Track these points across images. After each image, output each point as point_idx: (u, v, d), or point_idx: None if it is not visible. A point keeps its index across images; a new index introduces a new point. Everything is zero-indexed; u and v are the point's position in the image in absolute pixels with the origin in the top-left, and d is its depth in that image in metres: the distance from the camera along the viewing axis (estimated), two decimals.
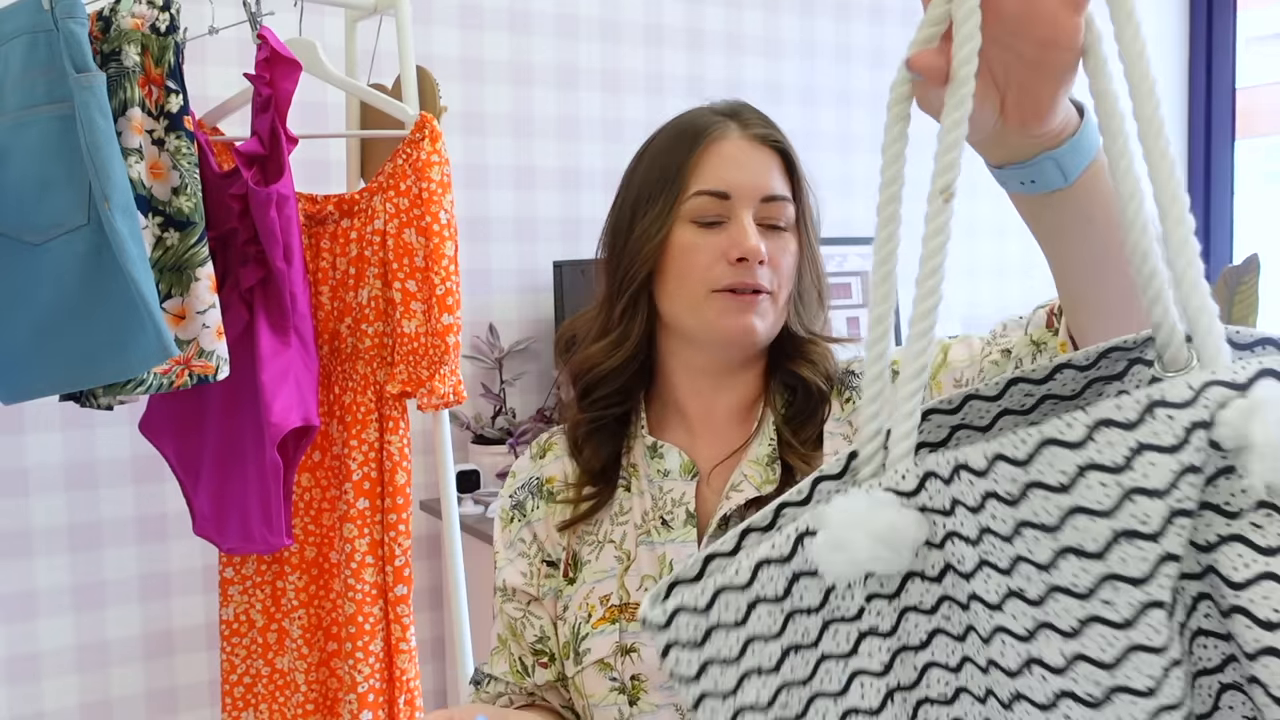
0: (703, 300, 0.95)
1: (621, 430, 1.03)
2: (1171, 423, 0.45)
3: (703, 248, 0.95)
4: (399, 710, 1.68)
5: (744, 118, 0.99)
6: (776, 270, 0.95)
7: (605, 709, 0.95)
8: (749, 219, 0.94)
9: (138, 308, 1.35)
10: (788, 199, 0.97)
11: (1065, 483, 0.46)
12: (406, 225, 1.62)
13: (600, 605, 0.96)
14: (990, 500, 0.47)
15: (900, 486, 0.48)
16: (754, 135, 0.98)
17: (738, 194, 0.95)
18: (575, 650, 0.96)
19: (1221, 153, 3.47)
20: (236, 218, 1.55)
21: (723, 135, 0.98)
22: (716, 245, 0.94)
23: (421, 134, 1.62)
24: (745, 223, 0.94)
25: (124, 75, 1.42)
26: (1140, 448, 0.45)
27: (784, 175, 0.98)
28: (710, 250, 0.94)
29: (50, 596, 1.99)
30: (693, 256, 0.95)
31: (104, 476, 2.03)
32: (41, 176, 1.38)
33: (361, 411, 1.67)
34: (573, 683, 0.98)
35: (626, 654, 0.94)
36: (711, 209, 0.95)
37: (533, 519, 1.04)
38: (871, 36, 2.90)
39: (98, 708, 2.04)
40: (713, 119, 0.99)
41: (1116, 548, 0.44)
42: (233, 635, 1.79)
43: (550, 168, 2.50)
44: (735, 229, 0.94)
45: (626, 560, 0.97)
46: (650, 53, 2.62)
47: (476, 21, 2.39)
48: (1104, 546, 0.44)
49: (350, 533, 1.66)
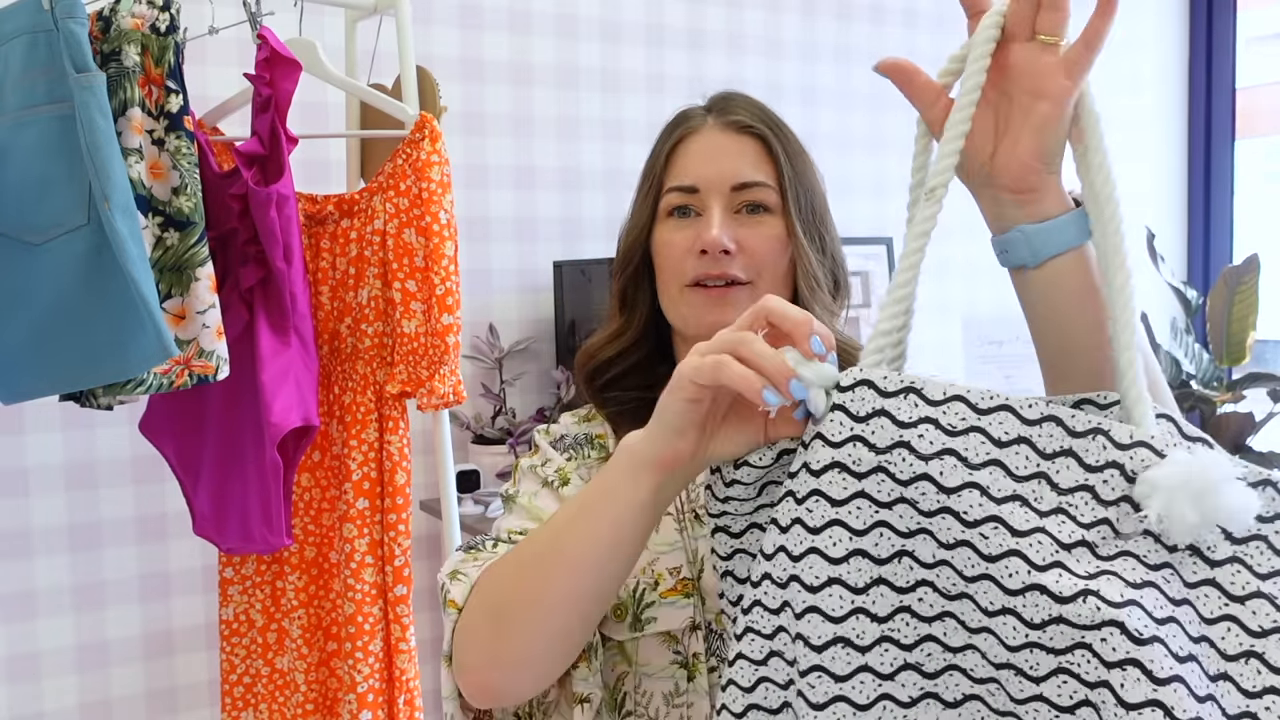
0: (678, 295, 0.95)
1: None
2: (1102, 451, 0.58)
3: (676, 242, 0.95)
4: (399, 710, 1.68)
5: (723, 107, 0.99)
6: (753, 258, 0.94)
7: (660, 680, 0.92)
8: (717, 210, 0.94)
9: (138, 308, 1.35)
10: (764, 184, 0.95)
11: (1003, 439, 0.59)
12: (406, 225, 1.62)
13: (670, 575, 0.92)
14: (928, 425, 0.59)
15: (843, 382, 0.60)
16: (728, 123, 0.97)
17: (705, 186, 0.95)
18: (636, 615, 0.92)
19: (1221, 153, 3.47)
20: (236, 218, 1.55)
21: (696, 129, 0.98)
22: (685, 239, 0.95)
23: (421, 134, 1.62)
24: (711, 214, 0.94)
25: (124, 75, 1.42)
26: (1069, 452, 0.58)
27: (764, 160, 0.96)
28: (681, 244, 0.95)
29: (50, 596, 1.99)
30: (668, 251, 0.96)
31: (104, 476, 2.03)
32: (41, 176, 1.38)
33: (361, 411, 1.67)
34: (618, 646, 0.93)
35: (694, 630, 0.91)
36: (683, 203, 0.96)
37: (588, 464, 1.00)
38: (871, 37, 2.90)
39: (98, 708, 2.04)
40: (691, 113, 1.00)
41: (1013, 502, 0.58)
42: (232, 635, 1.79)
43: (550, 168, 2.50)
44: (702, 221, 0.95)
45: (686, 535, 0.94)
46: (650, 53, 2.62)
47: (476, 21, 2.39)
48: (1008, 496, 0.58)
49: (350, 533, 1.66)
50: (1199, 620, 0.57)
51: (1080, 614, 0.54)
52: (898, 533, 0.58)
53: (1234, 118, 3.44)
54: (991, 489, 0.58)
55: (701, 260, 0.93)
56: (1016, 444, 0.59)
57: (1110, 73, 3.33)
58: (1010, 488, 0.58)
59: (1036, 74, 0.64)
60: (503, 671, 0.79)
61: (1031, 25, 0.65)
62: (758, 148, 0.97)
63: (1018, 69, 0.65)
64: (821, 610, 0.59)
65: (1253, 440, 3.05)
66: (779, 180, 0.96)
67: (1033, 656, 0.56)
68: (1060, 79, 0.64)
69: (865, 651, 0.59)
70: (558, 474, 0.99)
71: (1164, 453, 0.58)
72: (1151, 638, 0.54)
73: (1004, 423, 0.59)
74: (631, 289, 1.00)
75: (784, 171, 0.96)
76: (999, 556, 0.56)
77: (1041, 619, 0.55)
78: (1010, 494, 0.58)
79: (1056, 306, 0.69)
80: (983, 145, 0.67)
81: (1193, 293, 3.27)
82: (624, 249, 1.01)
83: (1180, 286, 3.26)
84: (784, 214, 0.96)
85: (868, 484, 0.58)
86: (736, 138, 0.97)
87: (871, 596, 0.59)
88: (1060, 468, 0.59)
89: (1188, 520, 0.56)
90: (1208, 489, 0.56)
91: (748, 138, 0.97)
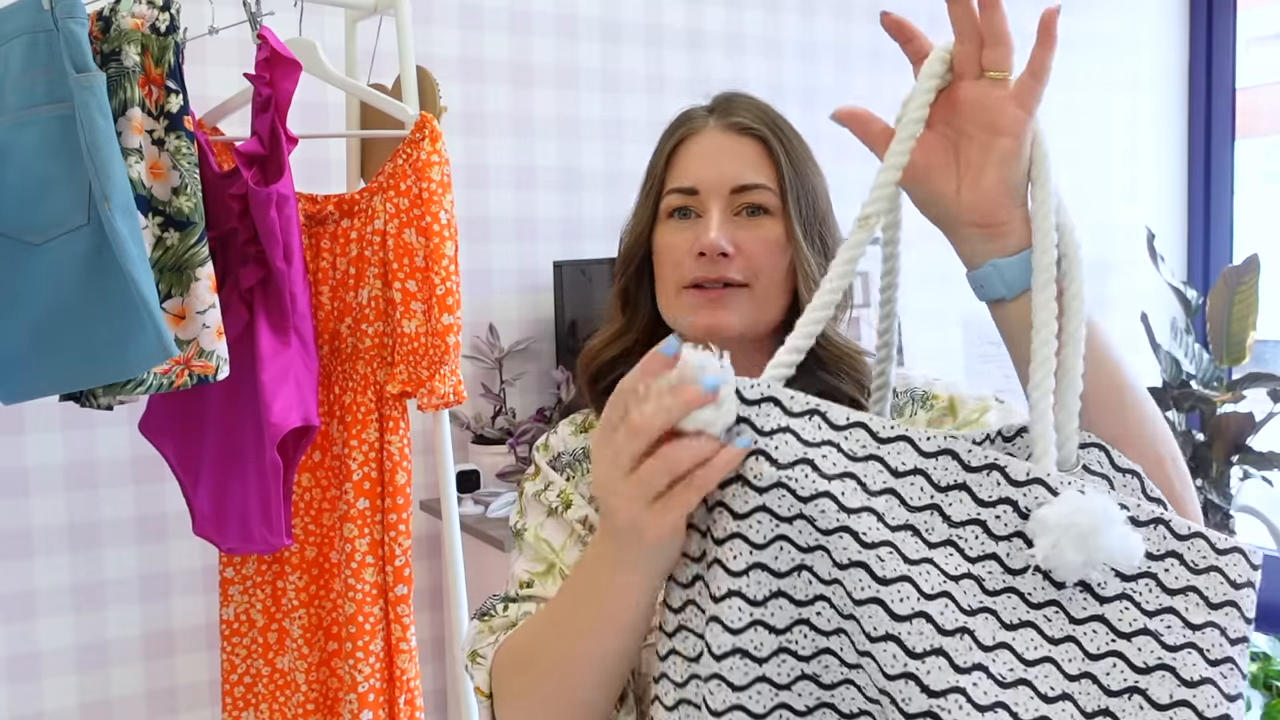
0: (675, 297, 0.95)
1: None
2: (996, 487, 0.60)
3: (675, 244, 0.95)
4: (399, 710, 1.68)
5: (725, 109, 0.99)
6: (751, 261, 0.94)
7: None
8: (716, 212, 0.94)
9: (138, 308, 1.35)
10: (764, 186, 0.95)
11: (900, 470, 0.60)
12: (406, 225, 1.62)
13: None
14: (830, 447, 0.60)
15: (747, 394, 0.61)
16: (729, 124, 0.97)
17: (705, 188, 0.95)
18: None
19: (1221, 153, 3.47)
20: (236, 218, 1.55)
21: (697, 130, 0.98)
22: (684, 241, 0.94)
23: (421, 134, 1.62)
24: (710, 216, 0.94)
25: (124, 75, 1.42)
26: (963, 486, 0.60)
27: (764, 162, 0.96)
28: (680, 246, 0.95)
29: (50, 596, 1.99)
30: (667, 254, 0.96)
31: (104, 476, 2.03)
32: (41, 176, 1.38)
33: (361, 411, 1.67)
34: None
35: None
36: (683, 204, 0.96)
37: (587, 480, 1.00)
38: (871, 37, 2.90)
39: (98, 708, 2.04)
40: (694, 114, 1.00)
41: (905, 531, 0.59)
42: (233, 635, 1.79)
43: (550, 168, 2.50)
44: (701, 223, 0.94)
45: None
46: (650, 53, 2.62)
47: (476, 21, 2.39)
48: (901, 525, 0.59)
49: (350, 533, 1.66)
50: (1083, 657, 0.58)
51: (958, 649, 0.57)
52: (798, 548, 0.59)
53: (1234, 118, 3.44)
54: (887, 516, 0.59)
55: (699, 262, 0.93)
56: (913, 474, 0.60)
57: (1110, 73, 3.33)
58: (904, 517, 0.59)
59: (989, 109, 0.66)
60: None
61: (978, 62, 0.66)
62: (758, 149, 0.97)
63: (970, 106, 0.66)
64: (722, 620, 0.59)
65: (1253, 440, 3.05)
66: (779, 183, 0.96)
67: (907, 689, 0.56)
68: (1012, 109, 0.65)
69: (763, 663, 0.60)
70: (560, 498, 0.99)
71: (1058, 490, 0.59)
72: (1016, 681, 0.56)
73: (902, 453, 0.60)
74: (633, 289, 1.00)
75: (784, 174, 0.96)
76: (892, 580, 0.57)
77: (923, 649, 0.56)
78: (903, 523, 0.59)
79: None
80: (947, 185, 0.68)
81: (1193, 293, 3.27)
82: (625, 249, 1.01)
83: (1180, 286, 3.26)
84: (784, 216, 0.95)
85: (769, 498, 0.58)
86: (737, 139, 0.97)
87: (770, 609, 0.59)
88: (953, 500, 0.60)
89: (1072, 560, 0.57)
90: (1093, 530, 0.57)
91: (748, 139, 0.97)
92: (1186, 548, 0.60)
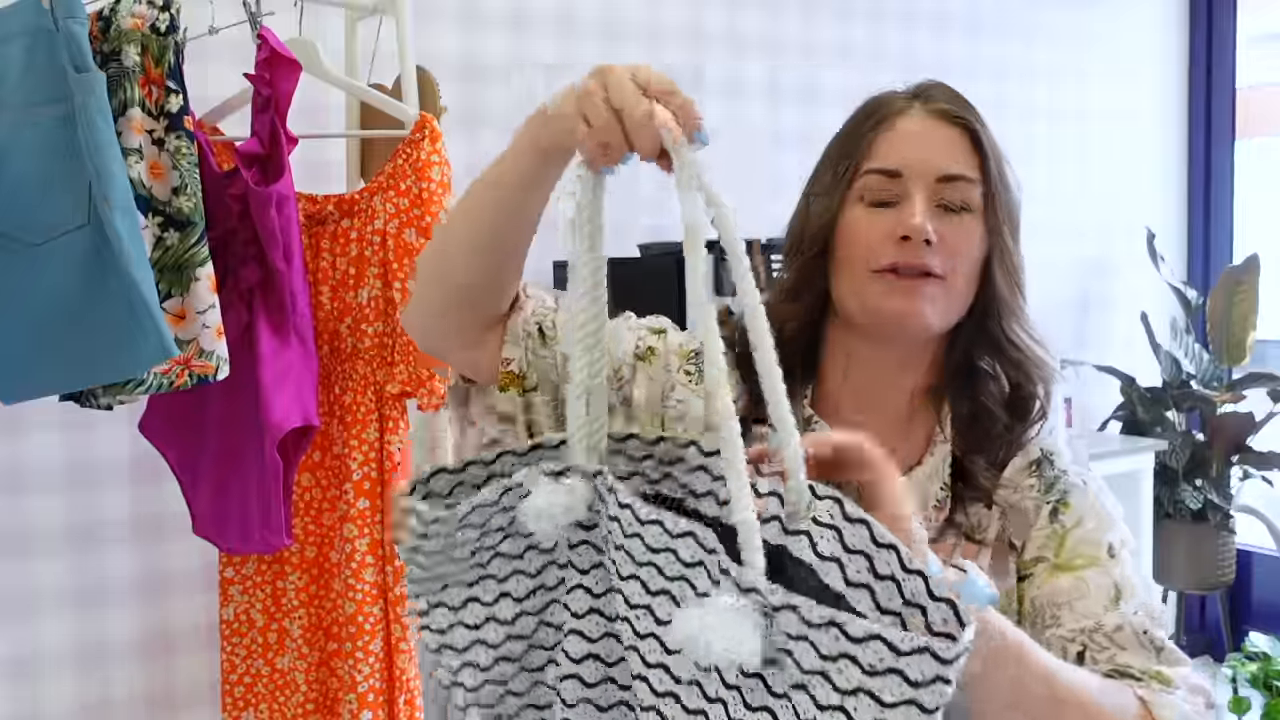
0: (865, 281, 0.90)
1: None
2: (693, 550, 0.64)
3: (870, 227, 0.91)
4: (399, 710, 1.68)
5: (929, 94, 0.95)
6: (951, 254, 0.89)
7: None
8: (920, 198, 0.89)
9: (137, 308, 1.35)
10: (969, 179, 0.91)
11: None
12: (407, 225, 1.62)
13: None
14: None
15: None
16: (936, 110, 0.93)
17: (910, 172, 0.90)
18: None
19: (1221, 153, 3.47)
20: (236, 218, 1.55)
21: (901, 112, 0.94)
22: (884, 224, 0.90)
23: (421, 134, 1.62)
24: (915, 201, 0.89)
25: (124, 75, 1.42)
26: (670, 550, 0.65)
27: (970, 154, 0.92)
28: (877, 229, 0.90)
29: (50, 596, 1.99)
30: (859, 236, 0.91)
31: (104, 476, 2.03)
32: (41, 176, 1.38)
33: (362, 411, 1.67)
34: None
35: None
36: (882, 187, 0.91)
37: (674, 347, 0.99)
38: (872, 37, 2.90)
39: (97, 708, 2.04)
40: (896, 97, 0.96)
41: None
42: (233, 635, 1.79)
43: None
44: (904, 207, 0.89)
45: None
46: (650, 53, 2.62)
47: (476, 21, 2.39)
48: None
49: (350, 533, 1.66)
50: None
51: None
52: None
53: (1234, 118, 3.44)
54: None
55: (901, 247, 0.89)
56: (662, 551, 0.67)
57: (1110, 72, 3.33)
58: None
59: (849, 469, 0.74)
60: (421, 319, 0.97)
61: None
62: (965, 140, 0.92)
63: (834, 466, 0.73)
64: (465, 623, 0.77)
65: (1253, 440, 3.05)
66: (984, 176, 0.92)
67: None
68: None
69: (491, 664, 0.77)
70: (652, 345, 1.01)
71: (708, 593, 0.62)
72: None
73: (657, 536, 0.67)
74: (809, 272, 0.95)
75: (990, 168, 0.92)
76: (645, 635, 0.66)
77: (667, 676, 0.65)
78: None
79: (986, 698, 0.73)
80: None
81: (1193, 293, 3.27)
82: (811, 230, 0.95)
83: (1180, 286, 3.26)
84: (985, 212, 0.92)
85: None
86: (946, 126, 0.93)
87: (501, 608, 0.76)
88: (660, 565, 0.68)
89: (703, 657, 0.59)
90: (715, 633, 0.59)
91: (956, 128, 0.93)
92: (861, 650, 0.56)
